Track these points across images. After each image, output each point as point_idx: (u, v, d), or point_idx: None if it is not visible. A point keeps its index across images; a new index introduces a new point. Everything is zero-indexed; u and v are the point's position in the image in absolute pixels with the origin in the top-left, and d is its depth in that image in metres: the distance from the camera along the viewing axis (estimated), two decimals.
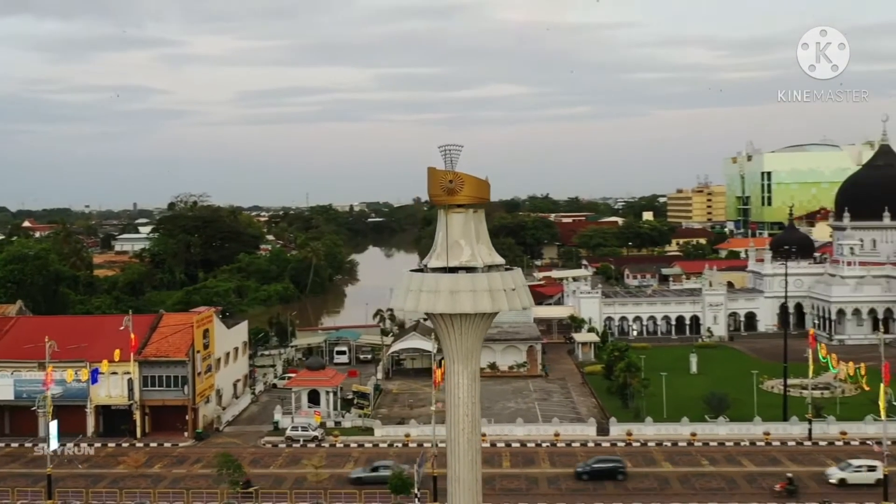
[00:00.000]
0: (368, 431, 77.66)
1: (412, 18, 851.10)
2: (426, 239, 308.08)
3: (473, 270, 28.12)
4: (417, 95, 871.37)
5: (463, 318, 27.88)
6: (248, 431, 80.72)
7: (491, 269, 28.47)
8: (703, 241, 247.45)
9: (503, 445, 73.79)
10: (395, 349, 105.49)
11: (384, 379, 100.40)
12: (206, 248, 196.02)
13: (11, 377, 77.70)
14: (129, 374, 76.52)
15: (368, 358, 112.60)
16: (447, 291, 27.25)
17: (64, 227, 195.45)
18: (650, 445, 73.14)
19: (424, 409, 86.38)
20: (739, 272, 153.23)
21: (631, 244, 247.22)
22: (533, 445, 73.77)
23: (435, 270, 28.49)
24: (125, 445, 75.34)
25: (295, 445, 75.03)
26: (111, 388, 77.37)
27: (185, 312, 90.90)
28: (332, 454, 72.16)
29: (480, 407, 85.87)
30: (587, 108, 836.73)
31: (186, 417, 77.89)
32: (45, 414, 68.65)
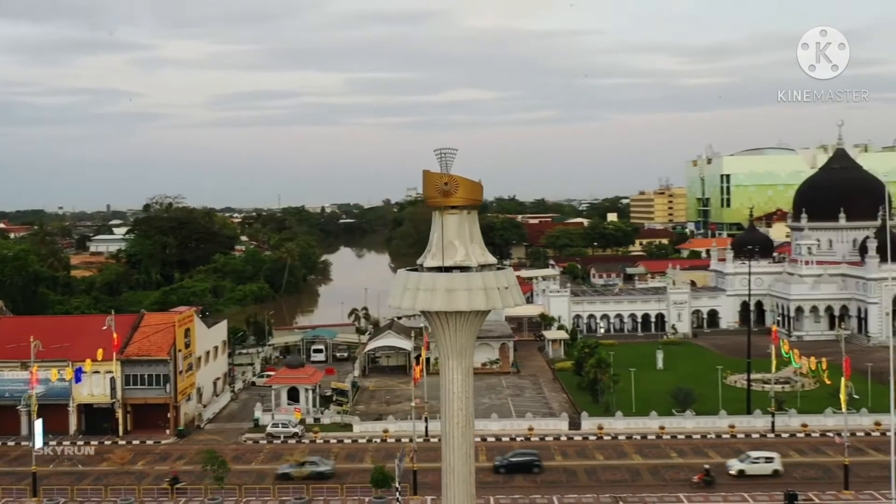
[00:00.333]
0: (347, 427, 77.59)
1: (381, 24, 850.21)
2: (397, 240, 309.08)
3: (468, 270, 28.45)
4: (386, 99, 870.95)
5: (458, 315, 28.23)
6: (228, 429, 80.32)
7: (484, 268, 28.83)
8: (665, 241, 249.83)
9: (479, 440, 73.79)
10: (370, 347, 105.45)
11: (361, 376, 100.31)
12: (181, 248, 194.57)
13: None
14: (111, 372, 75.89)
15: (345, 356, 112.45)
16: (444, 290, 27.60)
17: (41, 228, 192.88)
18: (621, 439, 73.83)
19: (401, 405, 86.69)
20: (701, 271, 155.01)
21: (596, 244, 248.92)
22: (508, 440, 74.15)
23: (430, 270, 28.74)
24: (108, 443, 74.63)
25: (276, 442, 74.80)
26: (93, 386, 76.65)
27: (164, 312, 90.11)
28: (312, 450, 71.94)
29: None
30: (551, 112, 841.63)
31: (168, 415, 77.33)
32: (29, 413, 67.85)
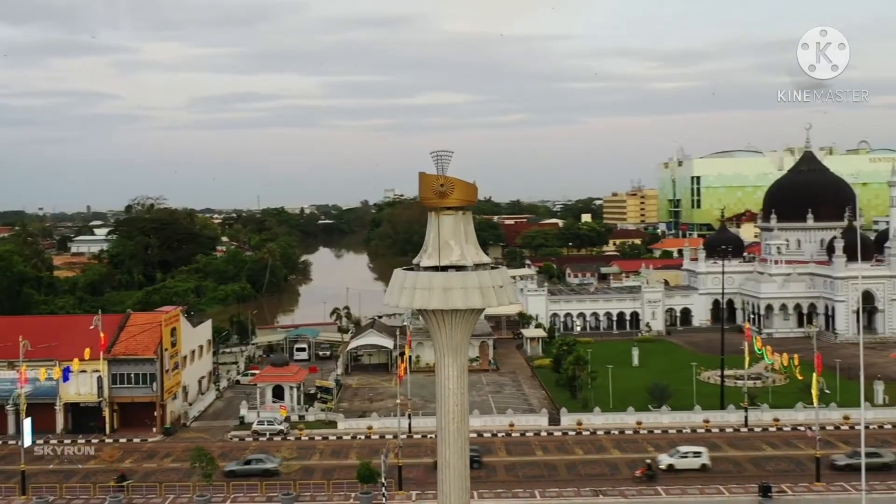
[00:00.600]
0: (332, 424, 77.50)
1: (361, 28, 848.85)
2: (375, 240, 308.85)
3: (463, 269, 28.70)
4: (365, 102, 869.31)
5: (454, 313, 28.46)
6: (214, 426, 79.98)
7: (478, 267, 29.09)
8: (637, 241, 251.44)
9: None
10: (353, 346, 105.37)
11: (343, 374, 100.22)
12: (163, 249, 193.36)
13: None
14: (98, 371, 75.22)
15: (327, 354, 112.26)
16: (440, 289, 27.82)
17: (24, 228, 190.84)
18: (599, 434, 74.32)
19: (384, 402, 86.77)
20: (673, 270, 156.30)
21: (571, 244, 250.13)
22: (489, 435, 74.35)
23: (427, 269, 28.94)
24: (95, 442, 74.02)
25: (261, 439, 74.55)
26: (80, 385, 75.95)
27: (150, 312, 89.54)
28: (298, 447, 71.90)
29: (435, 399, 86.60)
30: (525, 115, 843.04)
31: (155, 413, 76.88)
32: (16, 412, 67.25)
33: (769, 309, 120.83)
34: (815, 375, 61.40)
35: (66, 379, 70.79)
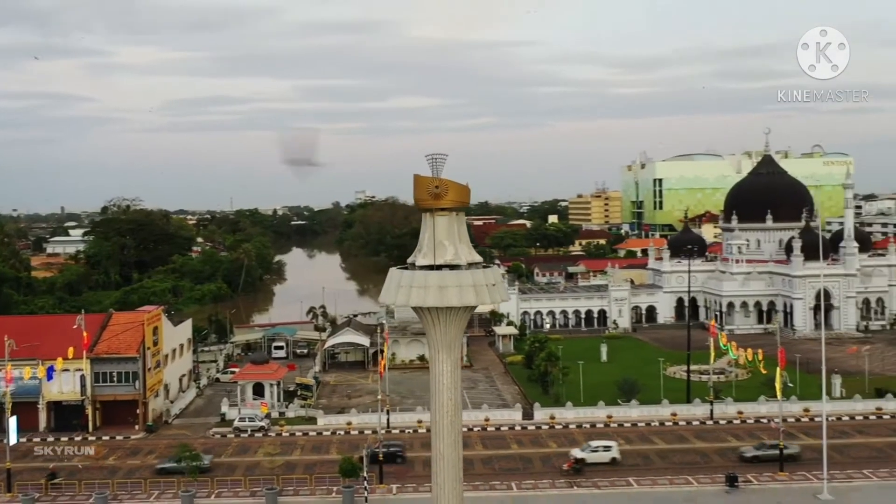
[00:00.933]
0: (312, 421, 77.38)
1: (333, 33, 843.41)
2: (348, 241, 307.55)
3: (457, 268, 28.96)
4: (336, 106, 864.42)
5: (448, 311, 28.72)
6: (196, 423, 79.48)
7: (471, 266, 29.36)
8: (602, 241, 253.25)
9: None
10: (330, 344, 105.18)
11: (321, 372, 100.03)
12: (140, 249, 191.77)
13: None
14: (81, 370, 74.52)
15: (305, 352, 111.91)
16: (436, 287, 28.08)
17: (1, 230, 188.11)
18: (571, 427, 74.94)
19: (362, 398, 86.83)
20: (638, 269, 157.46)
21: (538, 245, 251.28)
22: (465, 430, 74.33)
23: (422, 268, 29.16)
24: (78, 439, 73.29)
25: (243, 435, 74.23)
26: (63, 384, 75.17)
27: (132, 311, 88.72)
28: (279, 443, 71.75)
29: (412, 395, 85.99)
30: (492, 119, 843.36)
31: (137, 411, 76.26)
32: (1, 410, 66.33)
33: (731, 306, 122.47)
34: (778, 370, 62.49)
35: (50, 378, 70.03)
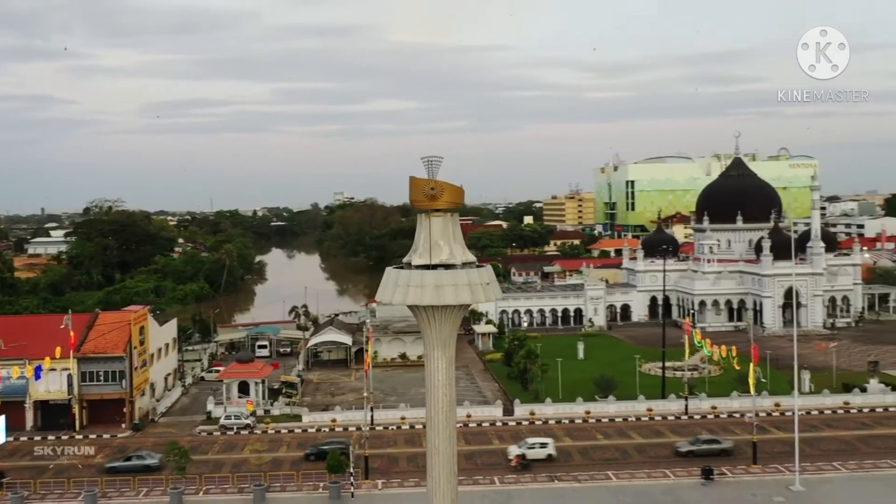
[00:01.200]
0: (297, 418, 77.25)
1: (312, 37, 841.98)
2: (328, 241, 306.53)
3: (452, 267, 29.22)
4: (315, 108, 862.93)
5: (444, 309, 28.97)
6: (182, 421, 79.07)
7: (465, 265, 29.64)
8: (577, 242, 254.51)
9: (421, 427, 74.42)
10: (313, 342, 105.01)
11: (304, 370, 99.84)
12: (122, 250, 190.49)
13: None
14: (68, 370, 73.93)
15: (287, 351, 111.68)
16: (432, 286, 28.33)
17: None
18: (551, 423, 75.38)
19: (345, 396, 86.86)
20: (612, 269, 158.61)
21: (514, 245, 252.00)
22: None
23: (418, 268, 29.38)
24: (65, 438, 72.72)
25: (229, 433, 73.98)
26: (50, 383, 74.48)
27: (118, 311, 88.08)
28: (265, 440, 71.59)
29: (394, 393, 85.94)
30: (468, 121, 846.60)
31: (124, 410, 75.74)
32: None
33: (702, 305, 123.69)
34: (752, 366, 63.27)
35: (38, 377, 69.41)
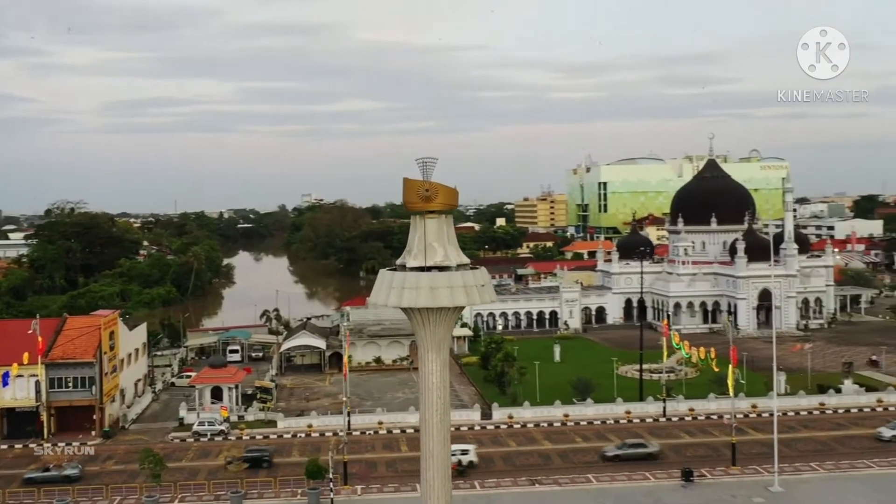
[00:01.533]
0: (272, 424, 76.96)
1: (276, 35, 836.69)
2: (297, 244, 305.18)
3: (447, 269, 29.47)
4: (281, 108, 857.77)
5: (439, 311, 29.17)
6: (153, 428, 78.39)
7: (460, 267, 29.89)
8: (549, 244, 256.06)
9: (399, 432, 74.92)
10: (286, 347, 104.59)
11: (277, 375, 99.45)
12: (85, 253, 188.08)
13: None
14: (35, 376, 72.95)
15: (260, 356, 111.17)
16: (427, 288, 28.50)
17: None
18: (529, 426, 75.87)
19: (320, 401, 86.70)
20: (586, 271, 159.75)
21: (487, 247, 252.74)
22: None
23: (413, 270, 29.55)
24: (33, 446, 71.67)
25: (202, 439, 73.51)
26: (17, 390, 73.41)
27: (87, 316, 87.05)
28: (241, 446, 71.17)
29: (370, 397, 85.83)
30: (436, 122, 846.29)
31: (94, 417, 74.93)
32: None
33: (677, 307, 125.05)
34: (731, 367, 64.28)
35: (6, 384, 68.52)
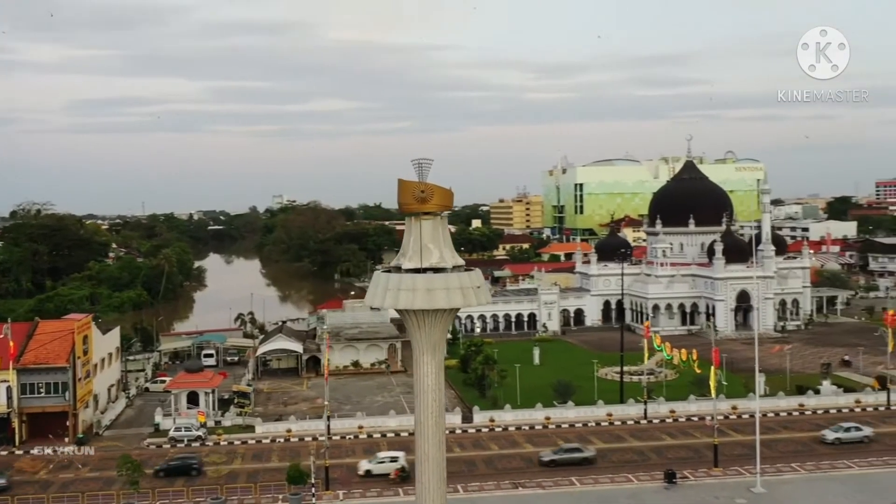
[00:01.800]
0: (250, 429, 76.67)
1: (247, 34, 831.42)
2: (269, 246, 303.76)
3: (442, 270, 29.69)
4: (251, 108, 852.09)
5: (434, 313, 29.38)
6: (128, 434, 77.80)
7: (455, 269, 30.14)
8: (526, 245, 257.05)
9: (379, 436, 74.98)
10: (262, 351, 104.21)
11: (254, 379, 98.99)
12: (53, 256, 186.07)
13: None
14: (6, 381, 72.16)
15: (235, 360, 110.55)
16: (423, 290, 28.70)
17: None
18: (511, 430, 76.30)
19: (298, 405, 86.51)
20: (564, 273, 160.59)
21: (463, 249, 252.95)
22: (406, 434, 74.63)
23: (408, 271, 29.74)
24: (4, 454, 70.99)
25: (179, 445, 73.02)
26: None
27: (59, 320, 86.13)
28: (218, 452, 70.88)
29: (349, 401, 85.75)
30: (410, 122, 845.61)
31: (67, 423, 74.20)
32: None
33: (656, 308, 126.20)
34: (712, 369, 65.08)
35: None
